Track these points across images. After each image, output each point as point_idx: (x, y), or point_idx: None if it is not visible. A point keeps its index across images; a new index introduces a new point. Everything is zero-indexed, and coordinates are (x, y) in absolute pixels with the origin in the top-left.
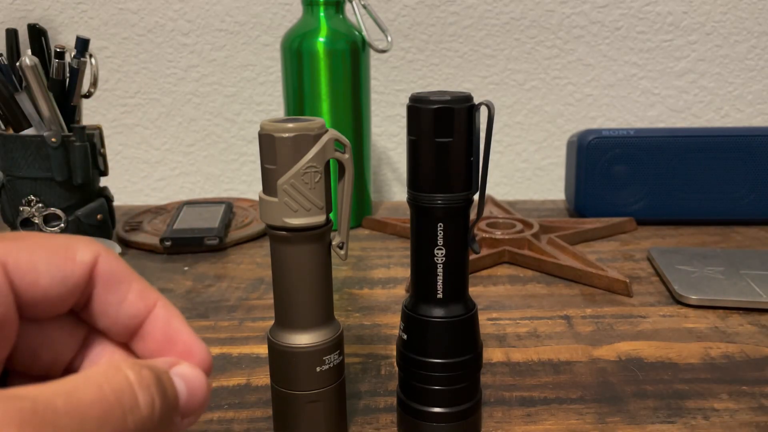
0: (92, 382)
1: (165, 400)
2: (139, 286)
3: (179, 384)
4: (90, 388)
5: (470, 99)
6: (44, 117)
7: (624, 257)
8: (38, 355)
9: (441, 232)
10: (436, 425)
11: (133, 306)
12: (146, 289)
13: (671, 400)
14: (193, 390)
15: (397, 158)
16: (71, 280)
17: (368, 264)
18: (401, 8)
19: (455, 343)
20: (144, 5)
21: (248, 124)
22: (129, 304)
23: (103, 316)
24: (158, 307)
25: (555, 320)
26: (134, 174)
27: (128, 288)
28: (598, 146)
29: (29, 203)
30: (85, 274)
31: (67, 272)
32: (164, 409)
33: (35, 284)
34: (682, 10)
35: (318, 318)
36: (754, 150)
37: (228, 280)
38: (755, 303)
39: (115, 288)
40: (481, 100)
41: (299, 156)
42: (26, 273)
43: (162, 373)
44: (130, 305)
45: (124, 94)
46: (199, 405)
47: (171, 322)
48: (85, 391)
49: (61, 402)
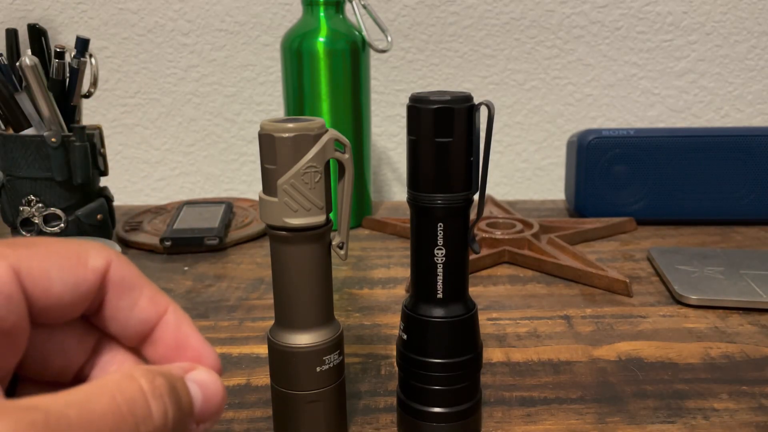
0: (105, 392)
1: (179, 408)
2: (150, 292)
3: (194, 390)
4: (103, 398)
5: (470, 99)
6: (44, 117)
7: (624, 257)
8: (49, 361)
9: (441, 232)
10: (436, 425)
11: (144, 311)
12: (157, 295)
13: (671, 400)
14: (209, 396)
15: (397, 158)
16: (83, 286)
17: (368, 264)
18: (401, 8)
19: (455, 343)
20: (144, 5)
21: (248, 124)
22: (140, 309)
23: (114, 321)
24: (169, 312)
25: (555, 320)
26: (134, 174)
27: (140, 293)
28: (598, 146)
29: (29, 203)
30: (98, 280)
31: (80, 278)
32: (178, 416)
33: (48, 291)
34: (682, 10)
35: (318, 318)
36: (754, 150)
37: (228, 280)
38: (755, 303)
39: (126, 293)
40: (481, 100)
41: (299, 156)
42: (39, 280)
43: (177, 380)
44: (141, 311)
45: (124, 94)
46: (215, 410)
47: (181, 327)
48: (99, 401)
49: (74, 413)
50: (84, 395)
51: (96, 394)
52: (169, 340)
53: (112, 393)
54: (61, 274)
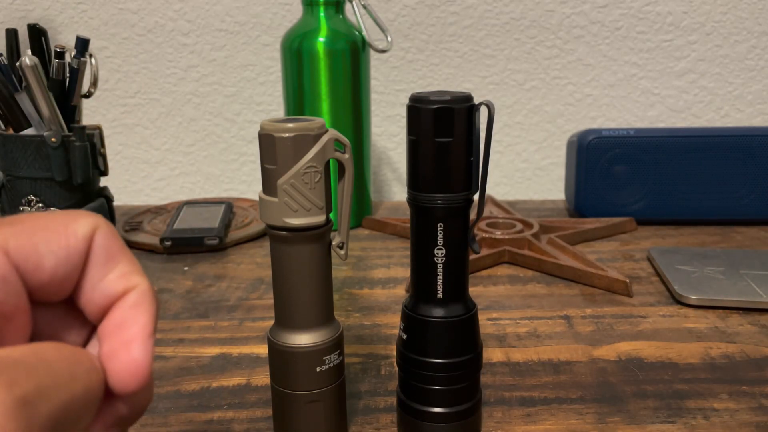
0: (48, 345)
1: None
2: (126, 267)
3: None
4: (48, 346)
5: (470, 99)
6: (44, 117)
7: (624, 257)
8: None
9: (441, 232)
10: (436, 425)
11: (111, 286)
12: (132, 273)
13: (671, 400)
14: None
15: (397, 158)
16: (75, 256)
17: (368, 264)
18: (401, 8)
19: (455, 343)
20: (144, 5)
21: (248, 124)
22: (108, 282)
23: (82, 291)
24: (132, 292)
25: (555, 320)
26: (134, 174)
27: (114, 266)
28: (598, 146)
29: (29, 203)
30: (86, 248)
31: (71, 249)
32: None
33: (40, 267)
34: (682, 10)
35: (318, 318)
36: (754, 150)
37: (228, 280)
38: (755, 303)
39: (102, 264)
40: (481, 100)
41: (299, 156)
42: (30, 256)
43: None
44: (109, 284)
45: (124, 94)
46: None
47: (133, 311)
48: (46, 348)
49: (29, 351)
50: (31, 345)
51: (41, 345)
52: (115, 317)
53: (55, 345)
54: (51, 247)
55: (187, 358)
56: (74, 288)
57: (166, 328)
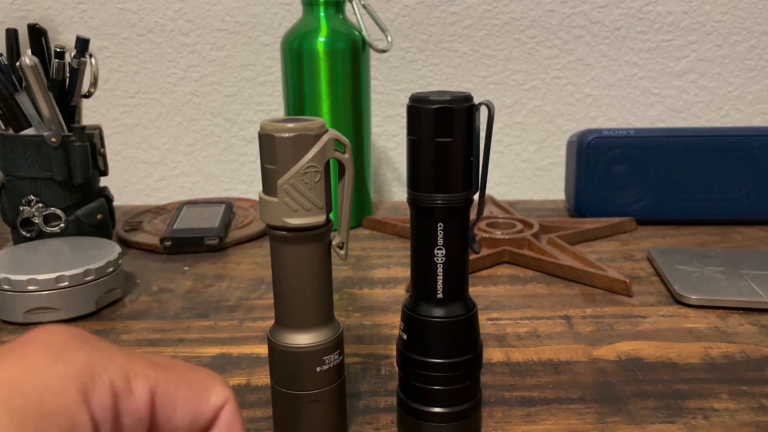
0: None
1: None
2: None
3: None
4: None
5: (470, 99)
6: (44, 117)
7: (624, 257)
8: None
9: (441, 232)
10: (436, 425)
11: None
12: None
13: (671, 400)
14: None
15: (397, 158)
16: (199, 422)
17: (368, 264)
18: (401, 8)
19: (455, 343)
20: (144, 5)
21: (248, 124)
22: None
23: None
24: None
25: (555, 320)
26: (134, 174)
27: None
28: (598, 146)
29: (29, 203)
30: (213, 418)
31: (199, 413)
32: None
33: (170, 421)
34: (682, 10)
35: (318, 318)
36: (754, 150)
37: (228, 280)
38: (755, 303)
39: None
40: (481, 100)
41: (299, 156)
42: (167, 408)
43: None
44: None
45: (124, 94)
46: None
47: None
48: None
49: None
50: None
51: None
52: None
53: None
54: (187, 407)
55: (187, 358)
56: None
57: (166, 328)
